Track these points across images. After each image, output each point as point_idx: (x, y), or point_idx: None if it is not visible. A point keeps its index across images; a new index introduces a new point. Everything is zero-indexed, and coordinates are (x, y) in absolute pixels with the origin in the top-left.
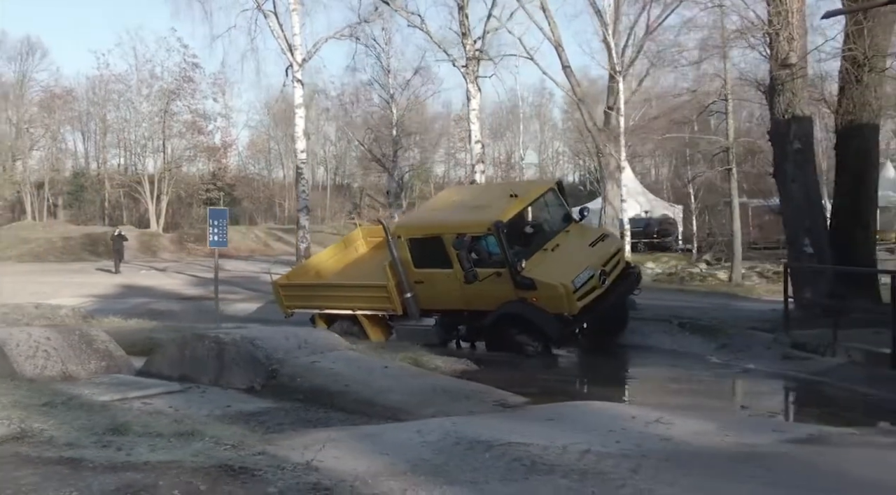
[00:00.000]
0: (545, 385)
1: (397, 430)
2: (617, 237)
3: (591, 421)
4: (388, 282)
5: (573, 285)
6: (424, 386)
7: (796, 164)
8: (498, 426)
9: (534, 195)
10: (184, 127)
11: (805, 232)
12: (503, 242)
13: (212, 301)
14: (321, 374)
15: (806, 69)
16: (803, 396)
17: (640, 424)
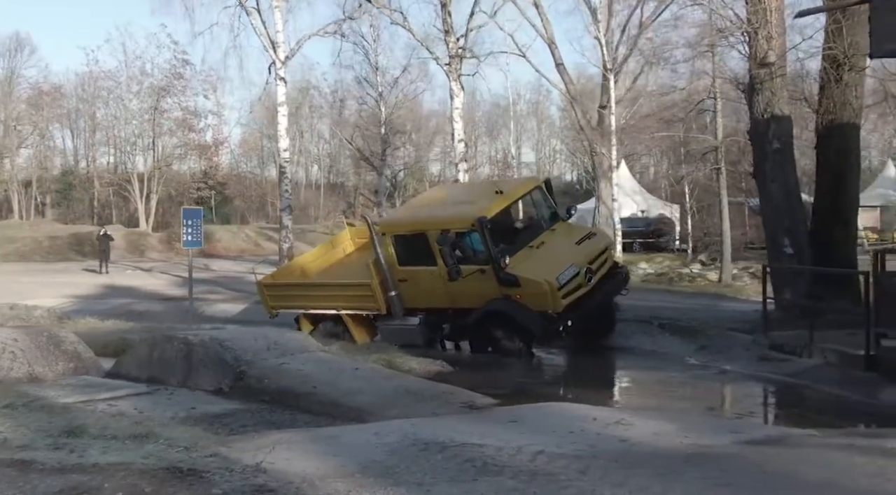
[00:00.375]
0: (518, 386)
1: (356, 432)
2: (606, 235)
3: (552, 423)
4: (371, 281)
5: (557, 282)
6: (392, 388)
7: (775, 164)
8: (458, 427)
9: (519, 192)
10: (174, 124)
11: (785, 232)
12: (487, 238)
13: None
14: (289, 376)
15: (785, 68)
16: (774, 398)
17: (599, 425)
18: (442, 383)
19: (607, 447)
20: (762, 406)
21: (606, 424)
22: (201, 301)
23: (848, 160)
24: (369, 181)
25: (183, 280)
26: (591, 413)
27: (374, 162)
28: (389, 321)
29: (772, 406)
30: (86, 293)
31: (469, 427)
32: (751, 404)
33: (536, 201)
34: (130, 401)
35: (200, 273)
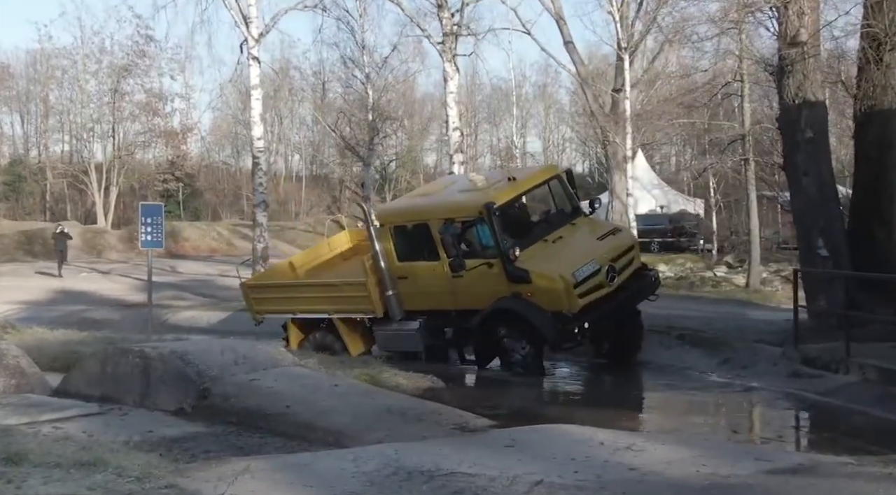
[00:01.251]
0: (517, 405)
1: (331, 458)
2: (631, 233)
3: (554, 448)
4: (367, 278)
5: (574, 278)
6: (375, 407)
7: (808, 155)
8: (447, 453)
9: (535, 181)
10: (137, 108)
11: (819, 231)
12: (495, 227)
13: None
14: (259, 394)
15: (819, 47)
16: (805, 419)
17: (607, 451)
18: (431, 401)
19: (614, 477)
20: (791, 429)
21: (614, 450)
22: (165, 308)
23: (890, 151)
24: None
25: (144, 283)
26: (597, 436)
27: (361, 152)
28: (386, 326)
29: (802, 429)
30: (35, 298)
31: (459, 453)
32: (778, 427)
33: (555, 192)
34: (79, 423)
35: (165, 276)
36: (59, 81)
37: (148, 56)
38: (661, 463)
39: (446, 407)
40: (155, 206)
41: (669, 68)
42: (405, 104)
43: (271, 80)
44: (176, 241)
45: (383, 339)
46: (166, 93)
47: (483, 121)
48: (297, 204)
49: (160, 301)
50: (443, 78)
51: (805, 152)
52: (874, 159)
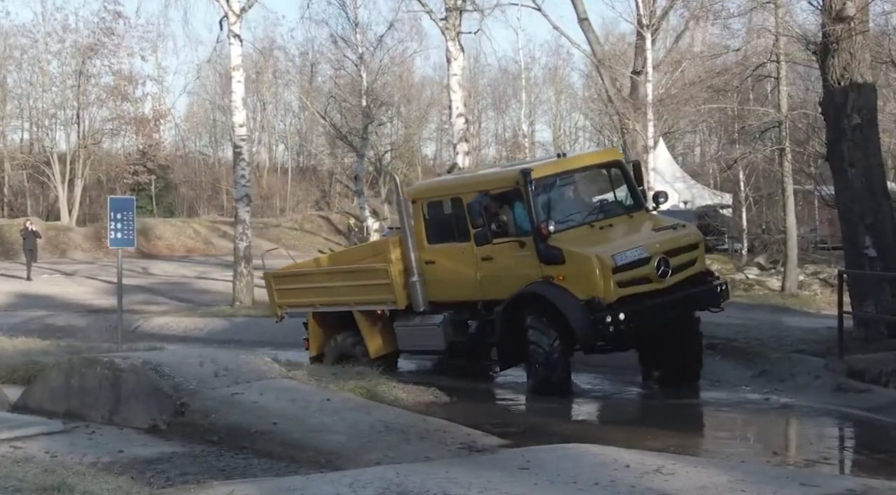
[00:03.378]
0: (530, 421)
1: (325, 483)
2: (697, 230)
3: (575, 471)
4: (389, 263)
5: (613, 261)
6: (372, 424)
7: (855, 144)
8: (456, 476)
9: (585, 161)
10: (104, 92)
11: (866, 229)
12: (530, 199)
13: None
14: (243, 409)
15: (867, 23)
16: (853, 439)
17: (634, 475)
18: (434, 418)
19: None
20: (837, 450)
21: (642, 473)
22: (136, 314)
23: None
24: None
25: (113, 286)
26: (622, 458)
27: (353, 141)
28: (408, 320)
29: (848, 450)
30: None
31: (468, 476)
32: (823, 447)
33: (615, 180)
34: (41, 443)
35: (136, 278)
36: (18, 62)
37: (116, 34)
38: (695, 489)
39: (452, 424)
40: (125, 200)
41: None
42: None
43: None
44: (148, 240)
45: (404, 335)
46: (137, 75)
47: (488, 107)
48: (283, 198)
49: (131, 306)
50: (446, 59)
51: (851, 140)
52: None
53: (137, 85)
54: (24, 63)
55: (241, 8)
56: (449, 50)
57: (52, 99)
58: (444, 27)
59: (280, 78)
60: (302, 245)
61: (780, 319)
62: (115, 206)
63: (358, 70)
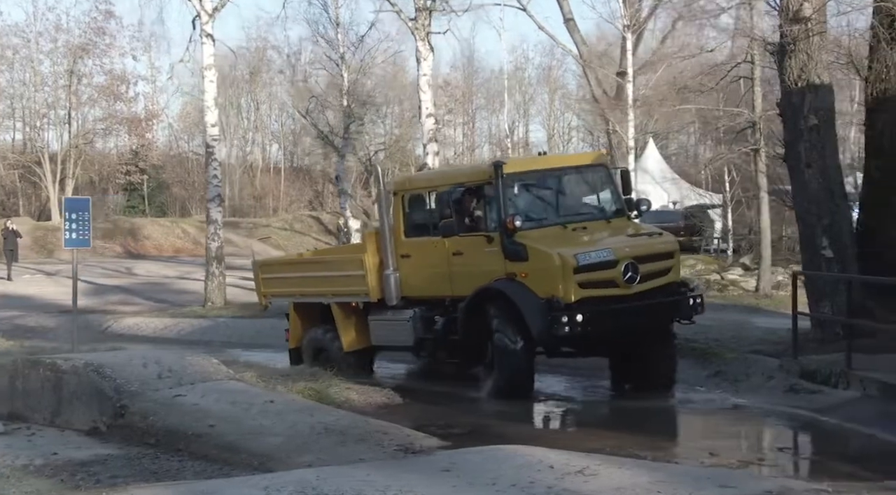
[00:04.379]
0: (478, 422)
1: (242, 486)
2: (675, 240)
3: (497, 472)
4: (365, 254)
5: (575, 260)
6: (312, 426)
7: (812, 145)
8: (375, 479)
9: (565, 161)
10: (96, 92)
11: (823, 230)
12: (500, 192)
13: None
14: (182, 411)
15: (825, 24)
16: (793, 440)
17: (555, 476)
18: (382, 419)
19: None
20: (776, 451)
21: (564, 474)
22: (109, 314)
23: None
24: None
25: (95, 287)
26: (549, 459)
27: (335, 141)
28: (381, 313)
29: (787, 451)
30: None
31: (389, 478)
32: (761, 448)
33: (599, 185)
34: None
35: (118, 278)
36: (10, 62)
37: (108, 34)
38: (612, 490)
39: (394, 426)
40: (81, 201)
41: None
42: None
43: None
44: (136, 240)
45: (376, 329)
46: (129, 75)
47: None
48: (276, 198)
49: (106, 306)
50: (416, 59)
51: (808, 141)
52: (887, 149)
53: (129, 85)
54: (16, 63)
55: (213, 7)
56: (419, 50)
57: (45, 99)
58: (413, 27)
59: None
60: (291, 245)
61: (748, 320)
62: (70, 207)
63: (339, 69)
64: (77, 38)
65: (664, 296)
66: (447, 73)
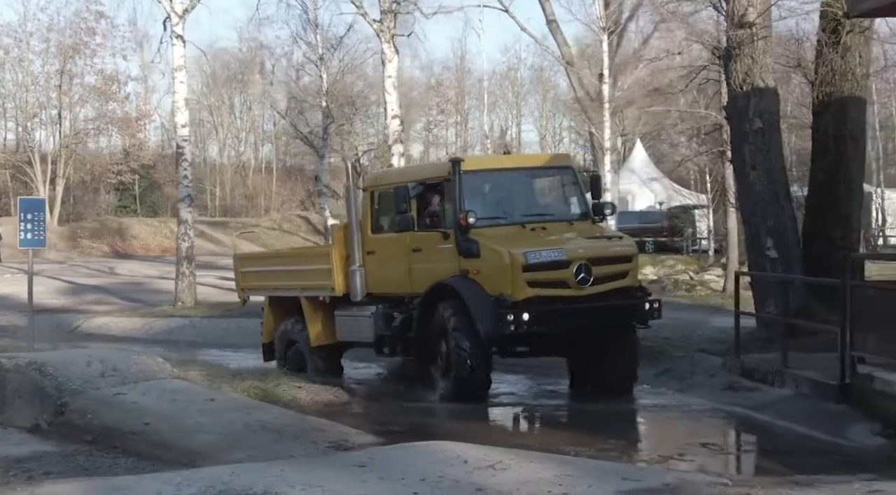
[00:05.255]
0: (418, 421)
1: (156, 481)
2: (634, 244)
3: (410, 467)
4: (332, 249)
5: (524, 259)
6: (248, 424)
7: (757, 147)
8: (288, 475)
9: (528, 162)
10: (86, 92)
11: (768, 231)
12: (458, 188)
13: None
14: (120, 410)
15: (770, 29)
16: (720, 437)
17: (465, 470)
18: (324, 418)
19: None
20: (699, 446)
21: (476, 468)
22: (81, 313)
23: (850, 142)
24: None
25: (75, 286)
26: (467, 454)
27: (315, 141)
28: (346, 309)
29: (711, 446)
30: None
31: (303, 474)
32: (685, 444)
33: (560, 185)
34: None
35: (99, 278)
36: (2, 62)
37: (98, 34)
38: (515, 484)
39: (331, 424)
40: (36, 201)
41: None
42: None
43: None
44: (123, 240)
45: (341, 325)
46: (121, 75)
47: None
48: (268, 198)
49: (81, 305)
50: (381, 61)
51: (753, 144)
52: (831, 151)
53: (120, 85)
54: (7, 63)
55: (183, 9)
56: (384, 52)
57: (37, 99)
58: (378, 30)
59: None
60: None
61: (706, 319)
62: (25, 207)
63: (318, 70)
64: (68, 38)
65: (619, 299)
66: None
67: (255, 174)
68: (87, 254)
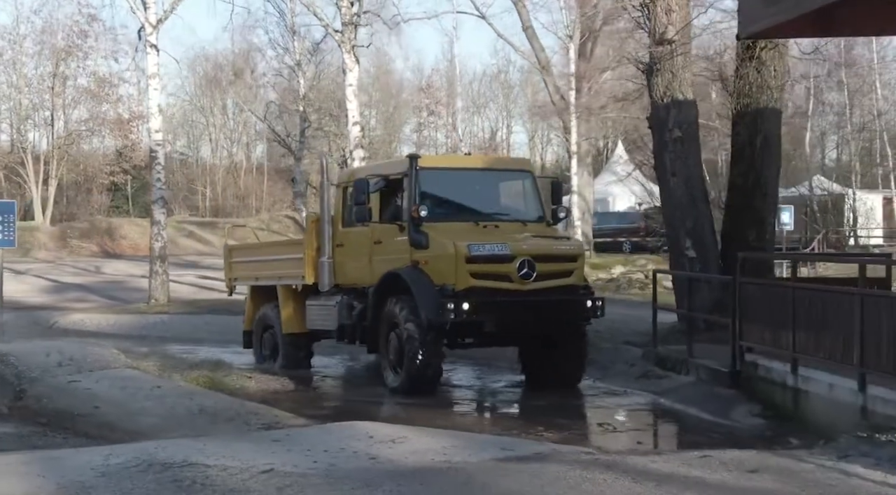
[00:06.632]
0: (349, 406)
1: (88, 454)
2: (581, 247)
3: (319, 442)
4: (306, 238)
5: (468, 251)
6: (189, 408)
7: (676, 155)
8: (209, 449)
9: (489, 164)
10: (79, 93)
11: (686, 232)
12: (413, 182)
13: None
14: (73, 395)
15: (689, 45)
16: (622, 418)
17: (366, 444)
18: (266, 404)
19: (346, 465)
20: (597, 426)
21: (377, 442)
22: (59, 310)
23: (765, 150)
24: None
25: (58, 285)
26: (374, 431)
27: (292, 144)
28: (315, 298)
29: (606, 426)
30: None
31: (222, 448)
32: (585, 424)
33: (518, 188)
34: None
35: (83, 277)
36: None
37: (91, 37)
38: (406, 453)
39: (267, 408)
40: (6, 204)
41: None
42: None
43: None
44: (113, 240)
45: (310, 313)
46: (114, 76)
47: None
48: (259, 198)
49: (61, 303)
50: (342, 70)
51: (673, 152)
52: (748, 158)
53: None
54: (1, 65)
55: (157, 19)
56: (345, 61)
57: (30, 100)
58: (339, 40)
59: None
60: None
61: (645, 315)
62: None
63: (296, 75)
64: (61, 40)
65: (562, 296)
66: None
67: (246, 175)
68: (77, 254)
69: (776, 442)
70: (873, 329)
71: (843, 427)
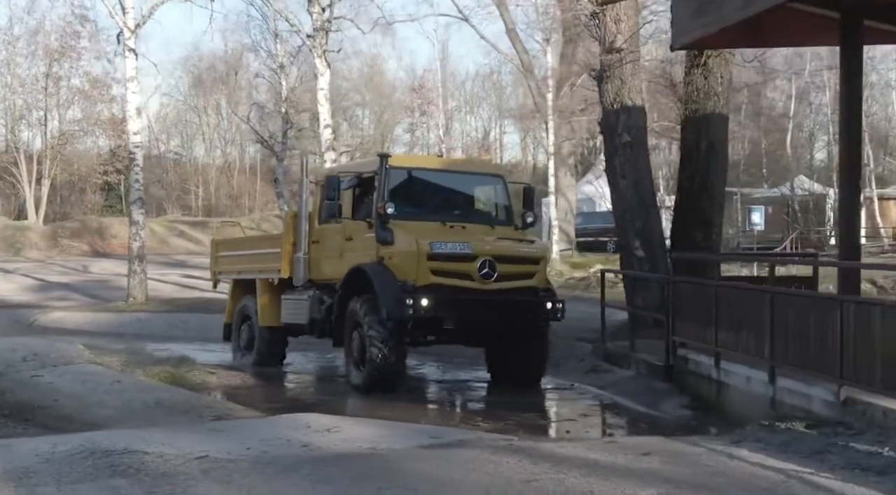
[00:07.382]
0: (301, 400)
1: (36, 442)
2: (545, 250)
3: (259, 431)
4: (284, 234)
5: (429, 247)
6: (146, 402)
7: (626, 159)
8: (150, 438)
9: (460, 167)
10: (72, 94)
11: (636, 233)
12: (382, 180)
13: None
14: (35, 389)
15: (638, 53)
16: (561, 409)
17: (303, 433)
18: (211, 397)
19: (278, 452)
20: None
21: (313, 432)
22: (40, 308)
23: (711, 154)
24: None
25: (43, 283)
26: (314, 422)
27: (274, 146)
28: (290, 292)
29: (541, 415)
30: None
31: (164, 437)
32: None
33: (488, 191)
34: None
35: (69, 275)
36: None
37: (84, 37)
38: (338, 441)
39: (221, 402)
40: None
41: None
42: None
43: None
44: (103, 239)
45: (285, 307)
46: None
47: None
48: (251, 198)
49: (44, 301)
50: (314, 75)
51: (623, 156)
52: (695, 161)
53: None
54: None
55: (135, 24)
56: (316, 66)
57: (24, 100)
58: (311, 45)
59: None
60: None
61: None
62: None
63: (278, 78)
64: (54, 41)
65: (523, 297)
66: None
67: (240, 174)
68: (67, 253)
69: (697, 430)
70: (782, 325)
71: (756, 416)
